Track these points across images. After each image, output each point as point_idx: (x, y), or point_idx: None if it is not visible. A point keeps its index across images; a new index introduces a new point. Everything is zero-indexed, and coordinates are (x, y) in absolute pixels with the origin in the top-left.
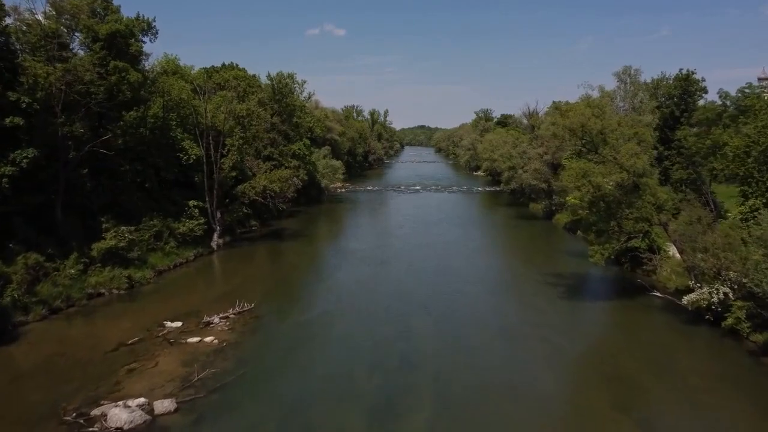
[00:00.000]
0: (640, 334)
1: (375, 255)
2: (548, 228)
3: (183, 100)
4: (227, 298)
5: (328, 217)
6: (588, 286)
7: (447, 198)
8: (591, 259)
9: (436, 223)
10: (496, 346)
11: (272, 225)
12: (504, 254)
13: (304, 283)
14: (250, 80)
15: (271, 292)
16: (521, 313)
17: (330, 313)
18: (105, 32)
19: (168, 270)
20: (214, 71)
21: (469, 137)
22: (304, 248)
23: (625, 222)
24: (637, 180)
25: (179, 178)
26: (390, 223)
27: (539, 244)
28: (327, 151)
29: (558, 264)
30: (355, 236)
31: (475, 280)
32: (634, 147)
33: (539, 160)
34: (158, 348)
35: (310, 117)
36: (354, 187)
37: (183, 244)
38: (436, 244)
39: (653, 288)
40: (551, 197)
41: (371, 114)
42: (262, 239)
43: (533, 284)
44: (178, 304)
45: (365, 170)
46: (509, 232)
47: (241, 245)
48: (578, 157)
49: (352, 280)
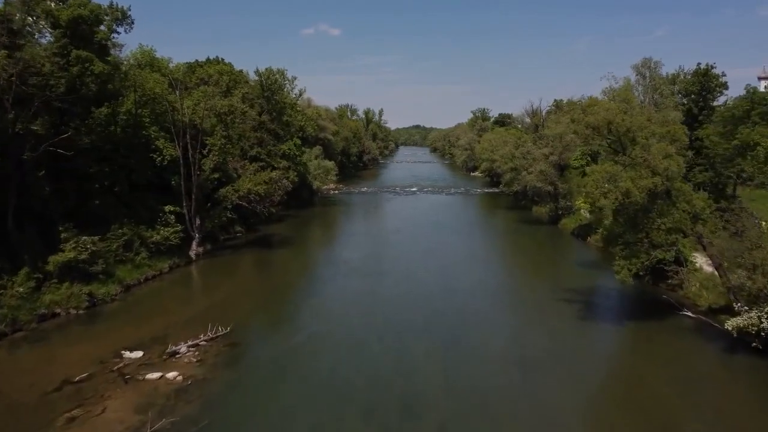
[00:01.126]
0: (676, 365)
1: (370, 265)
2: (554, 234)
3: (157, 95)
4: (201, 318)
5: (319, 222)
6: (607, 303)
7: (444, 200)
8: (617, 276)
9: (435, 228)
10: (513, 383)
11: (259, 230)
12: (510, 264)
13: (291, 300)
14: (236, 75)
15: (251, 312)
16: (536, 338)
17: (318, 339)
18: (66, 18)
19: (138, 284)
20: (198, 66)
21: (466, 137)
22: (293, 257)
23: (656, 234)
24: (670, 185)
25: (154, 180)
26: (386, 228)
27: (547, 252)
28: (319, 151)
29: (570, 276)
30: (348, 243)
31: (481, 296)
32: (667, 147)
33: (544, 161)
34: (110, 387)
35: (301, 115)
36: (348, 189)
37: (156, 255)
38: (436, 252)
39: (682, 306)
40: (557, 201)
41: (366, 113)
42: (247, 247)
43: (545, 301)
44: (143, 328)
45: (360, 170)
46: (513, 238)
47: (223, 254)
48: (591, 158)
49: (345, 296)
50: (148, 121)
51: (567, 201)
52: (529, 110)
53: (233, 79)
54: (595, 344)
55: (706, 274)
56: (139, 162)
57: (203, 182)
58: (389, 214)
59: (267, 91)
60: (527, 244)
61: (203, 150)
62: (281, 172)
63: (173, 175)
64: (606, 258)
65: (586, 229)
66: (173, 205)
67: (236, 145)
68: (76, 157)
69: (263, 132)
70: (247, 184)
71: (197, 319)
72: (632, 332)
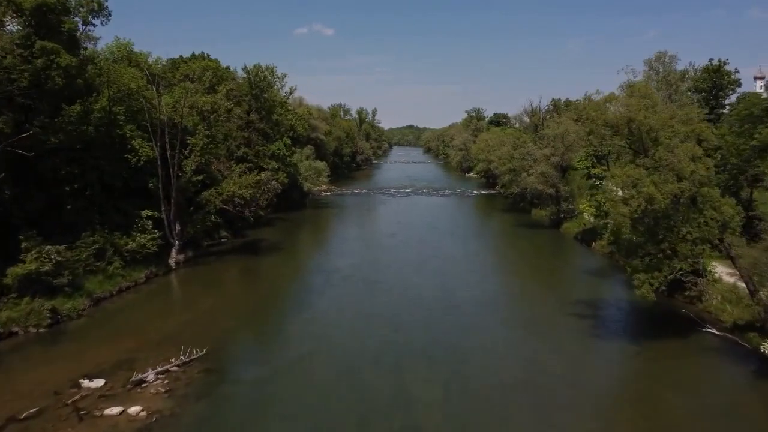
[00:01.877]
0: (705, 393)
1: (364, 274)
2: (556, 238)
3: (133, 91)
4: (176, 337)
5: (310, 225)
6: (619, 318)
7: (440, 202)
8: (637, 292)
9: (431, 232)
10: (525, 418)
11: (246, 235)
12: (512, 273)
13: (277, 315)
14: (222, 72)
15: (232, 329)
16: (547, 360)
17: (306, 364)
18: (29, 5)
19: (109, 297)
20: (182, 62)
21: (461, 137)
22: (281, 265)
23: (680, 245)
24: (697, 190)
25: (130, 183)
26: (380, 232)
27: (550, 259)
28: (310, 152)
29: (577, 286)
30: (340, 249)
31: (484, 310)
32: (694, 149)
33: (545, 162)
34: (61, 426)
35: (291, 114)
36: (340, 190)
37: (132, 264)
38: (433, 259)
39: (704, 321)
40: (559, 203)
41: (359, 113)
42: (232, 254)
43: (553, 315)
44: (109, 349)
45: (353, 171)
46: (514, 243)
47: (206, 262)
48: (596, 159)
49: (336, 311)
50: (123, 119)
51: (569, 204)
52: (528, 109)
53: (219, 75)
54: (612, 367)
55: (727, 285)
56: (113, 163)
57: (184, 185)
58: (383, 216)
59: (255, 88)
60: (529, 250)
61: (184, 150)
62: (270, 173)
63: (151, 178)
64: (613, 266)
65: (590, 233)
66: (151, 210)
67: (221, 146)
68: (44, 158)
69: (251, 131)
70: (232, 186)
71: (172, 337)
72: (652, 353)
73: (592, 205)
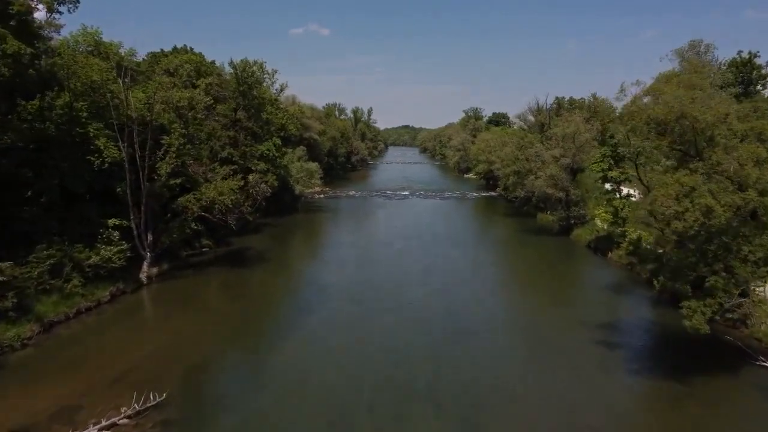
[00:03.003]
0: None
1: (359, 291)
2: (567, 247)
3: (96, 84)
4: (135, 374)
5: (302, 232)
6: (654, 346)
7: (439, 205)
8: (687, 323)
9: (431, 240)
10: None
11: (231, 244)
12: (523, 289)
13: (257, 342)
14: (207, 67)
15: (203, 363)
16: (579, 405)
17: (285, 412)
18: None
19: (64, 321)
20: (163, 55)
21: (459, 137)
22: (267, 279)
23: (739, 267)
24: (759, 201)
25: (95, 188)
26: (377, 240)
27: (564, 271)
28: (302, 152)
29: (597, 304)
30: (334, 259)
31: (496, 335)
32: (758, 149)
33: (554, 164)
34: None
35: (282, 113)
36: (335, 192)
37: (95, 281)
38: (436, 272)
39: (755, 352)
40: (569, 208)
41: (354, 112)
42: (214, 265)
43: (576, 342)
44: (49, 392)
45: (348, 172)
46: (522, 252)
47: (183, 275)
48: (613, 161)
49: (326, 338)
50: (86, 116)
51: (580, 209)
52: (533, 108)
53: (202, 70)
54: (652, 411)
55: None
56: (75, 165)
57: (159, 190)
58: (380, 222)
59: (243, 85)
60: (539, 261)
61: (158, 151)
62: (259, 175)
63: (120, 182)
64: (634, 279)
65: (605, 242)
66: (120, 219)
67: (203, 146)
68: None
69: (239, 131)
70: (211, 192)
71: (130, 374)
72: (698, 393)
73: (608, 211)
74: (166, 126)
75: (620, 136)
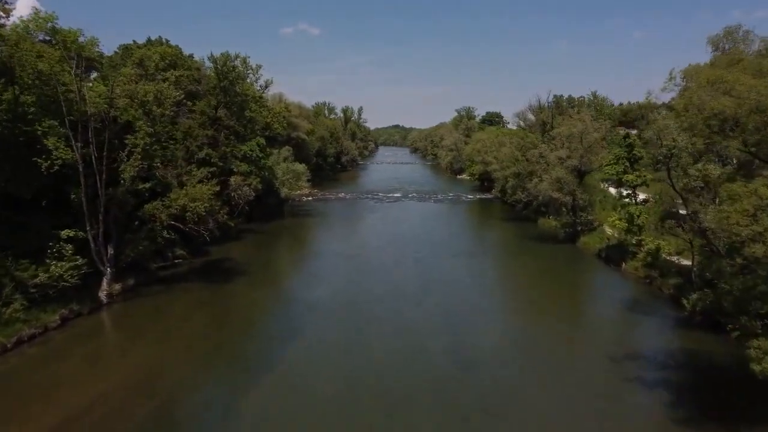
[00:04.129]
0: None
1: (348, 312)
2: (575, 256)
3: (44, 74)
4: (81, 423)
5: (287, 239)
6: (698, 384)
7: (433, 209)
8: (755, 367)
9: (427, 248)
10: None
11: (209, 253)
12: (534, 307)
13: (226, 378)
14: (184, 61)
15: (159, 409)
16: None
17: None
18: None
19: (0, 354)
20: (136, 47)
21: (452, 137)
22: (246, 295)
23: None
24: None
25: (46, 195)
26: (368, 249)
27: (575, 284)
28: (288, 153)
29: (619, 326)
30: (321, 272)
31: (509, 370)
32: None
33: (560, 166)
34: None
35: (266, 111)
36: (324, 194)
37: (42, 303)
38: (434, 287)
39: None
40: (575, 214)
41: (344, 111)
42: (187, 279)
43: (604, 379)
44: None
45: (337, 173)
46: (527, 263)
47: (151, 292)
48: (629, 163)
49: (307, 373)
50: (34, 112)
51: (588, 214)
52: (534, 106)
53: (179, 64)
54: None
55: None
56: (20, 168)
57: (122, 196)
58: (371, 227)
59: (224, 80)
60: (547, 272)
61: (122, 152)
62: (241, 177)
63: (75, 188)
64: (653, 294)
65: (618, 251)
66: (75, 229)
67: (178, 146)
68: None
69: (219, 130)
70: (182, 198)
71: (75, 422)
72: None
73: (622, 218)
74: (134, 124)
75: (650, 134)
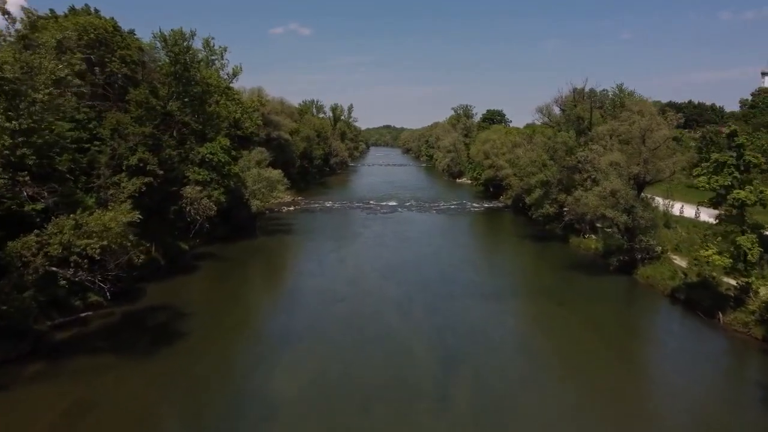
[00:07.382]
0: None
1: (338, 403)
2: (640, 296)
3: None
4: None
5: (256, 269)
6: None
7: (437, 222)
8: None
9: (441, 287)
10: None
11: (141, 295)
12: (603, 392)
13: None
14: (122, 38)
15: None
16: None
17: None
18: None
19: None
20: (52, 18)
21: (450, 137)
22: (181, 374)
23: None
24: None
25: None
26: (361, 285)
27: (665, 347)
28: (262, 155)
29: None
30: (295, 334)
31: None
32: None
33: (615, 175)
34: None
35: (234, 104)
36: (308, 202)
37: None
38: (456, 355)
39: None
40: (633, 237)
41: (333, 110)
42: (94, 349)
43: None
44: None
45: (325, 177)
46: (575, 305)
47: (19, 378)
48: (738, 172)
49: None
50: None
51: (650, 238)
52: (563, 97)
53: (115, 41)
54: None
55: None
56: None
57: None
58: (365, 251)
59: (176, 64)
60: (605, 324)
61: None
62: (198, 188)
63: None
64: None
65: (707, 294)
66: None
67: (104, 147)
68: None
69: (172, 127)
70: (66, 234)
71: None
72: None
73: (727, 253)
74: None
75: None
